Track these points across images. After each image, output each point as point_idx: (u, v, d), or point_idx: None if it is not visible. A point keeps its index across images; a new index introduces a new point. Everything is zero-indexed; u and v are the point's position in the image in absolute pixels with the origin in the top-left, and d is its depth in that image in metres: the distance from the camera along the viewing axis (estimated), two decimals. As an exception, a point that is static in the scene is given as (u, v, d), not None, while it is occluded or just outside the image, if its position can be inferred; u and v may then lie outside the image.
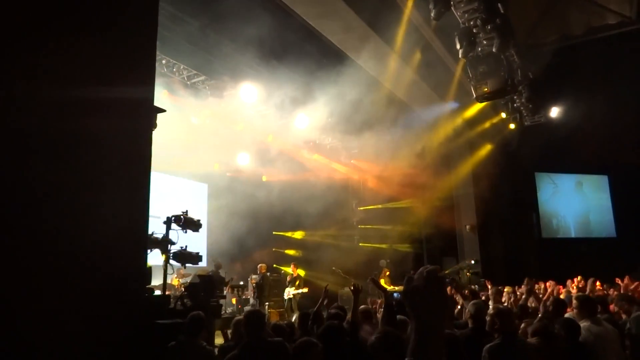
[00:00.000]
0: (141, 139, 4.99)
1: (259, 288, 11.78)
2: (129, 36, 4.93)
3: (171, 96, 10.69)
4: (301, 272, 13.92)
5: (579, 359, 3.76)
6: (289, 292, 12.31)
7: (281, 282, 13.43)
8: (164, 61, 10.36)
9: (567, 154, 18.50)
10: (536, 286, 10.05)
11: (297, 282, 12.42)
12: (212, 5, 8.80)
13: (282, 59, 10.33)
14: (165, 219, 5.72)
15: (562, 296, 7.31)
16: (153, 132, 5.48)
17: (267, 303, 12.11)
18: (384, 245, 16.15)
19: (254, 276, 12.50)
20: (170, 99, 10.69)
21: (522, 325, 4.49)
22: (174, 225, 5.68)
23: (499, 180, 16.20)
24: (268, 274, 12.58)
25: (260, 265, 12.32)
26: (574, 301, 4.24)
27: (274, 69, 10.61)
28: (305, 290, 12.28)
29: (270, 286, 12.61)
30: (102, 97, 4.43)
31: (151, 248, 5.35)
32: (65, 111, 4.18)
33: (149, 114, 5.20)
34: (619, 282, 9.19)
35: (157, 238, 5.50)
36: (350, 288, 13.62)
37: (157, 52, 8.58)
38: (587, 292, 7.02)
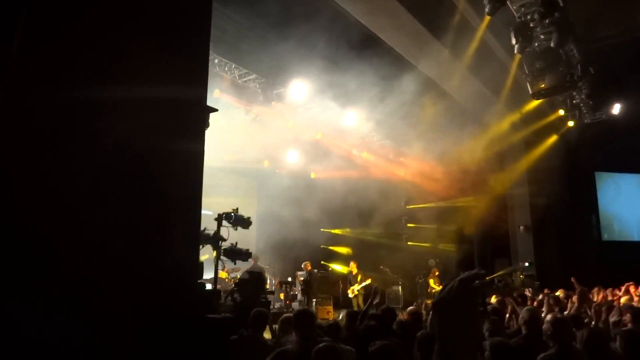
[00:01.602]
0: (195, 137, 5.16)
1: (306, 285, 11.89)
2: (183, 38, 5.10)
3: (223, 95, 10.93)
4: (345, 269, 13.98)
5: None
6: (354, 290, 12.29)
7: (328, 279, 13.50)
8: (216, 60, 10.61)
9: (630, 153, 17.52)
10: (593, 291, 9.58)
11: (359, 278, 12.41)
12: (261, 4, 8.94)
13: (332, 58, 10.33)
14: (216, 216, 5.87)
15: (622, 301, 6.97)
16: (206, 130, 5.65)
17: (314, 300, 12.21)
18: (432, 245, 15.90)
19: (299, 273, 12.62)
20: (222, 97, 10.94)
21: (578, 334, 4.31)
22: (224, 222, 5.82)
23: (555, 180, 15.54)
24: (315, 270, 12.67)
25: (305, 263, 12.42)
26: (628, 316, 4.02)
27: (324, 67, 10.63)
28: (369, 281, 12.24)
29: (318, 282, 12.71)
30: (157, 98, 4.61)
31: (203, 244, 5.51)
32: (124, 111, 4.38)
33: (202, 113, 5.35)
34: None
35: (209, 234, 5.65)
36: (399, 286, 13.49)
37: (210, 52, 8.87)
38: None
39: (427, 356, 3.35)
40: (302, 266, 12.56)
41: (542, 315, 5.31)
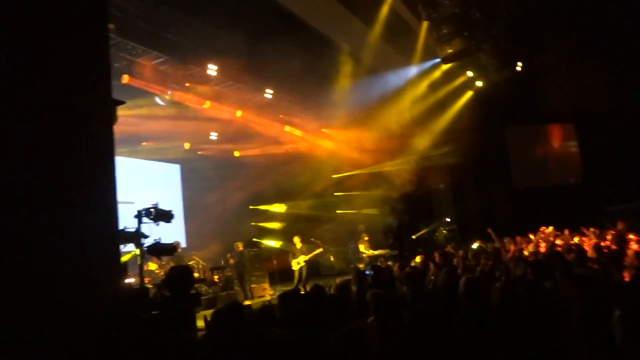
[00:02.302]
0: (101, 134, 4.88)
1: (238, 266, 11.89)
2: (76, 23, 4.71)
3: (133, 80, 10.39)
4: (278, 244, 14.13)
5: (543, 317, 3.95)
6: (298, 262, 12.32)
7: (262, 257, 13.57)
8: (120, 44, 10.01)
9: (535, 105, 18.80)
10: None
11: (305, 250, 12.53)
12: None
13: (240, 31, 10.01)
14: (136, 213, 5.67)
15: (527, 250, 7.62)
16: (114, 124, 5.37)
17: (249, 279, 12.27)
18: (361, 211, 16.37)
19: (230, 254, 12.59)
20: (133, 83, 10.40)
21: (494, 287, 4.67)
22: (145, 219, 5.64)
23: (469, 137, 16.41)
24: (246, 250, 12.67)
25: (236, 243, 12.38)
26: (528, 270, 4.42)
27: (237, 44, 10.34)
28: (320, 250, 12.62)
29: (251, 261, 12.74)
30: (51, 95, 4.29)
31: (124, 243, 5.32)
32: (17, 113, 4.06)
33: (107, 107, 5.06)
34: (584, 230, 9.53)
35: (129, 232, 5.46)
36: (331, 258, 13.84)
37: (111, 35, 8.33)
38: (553, 245, 7.30)
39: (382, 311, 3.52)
40: (234, 246, 12.52)
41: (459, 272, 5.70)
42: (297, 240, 12.66)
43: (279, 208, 15.97)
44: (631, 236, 7.38)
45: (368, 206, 16.46)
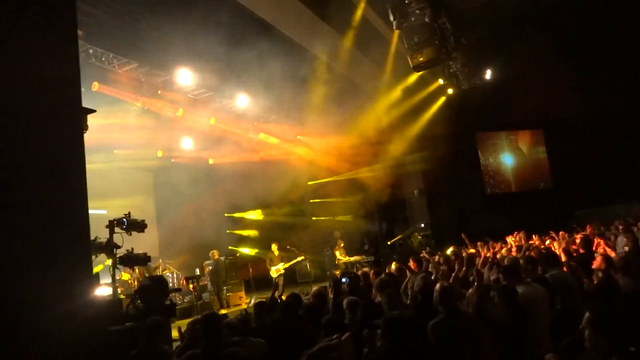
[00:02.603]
0: (71, 144, 4.78)
1: (214, 275, 11.75)
2: (43, 30, 4.62)
3: (103, 86, 10.21)
4: (254, 251, 14.04)
5: (516, 321, 4.03)
6: (277, 269, 12.13)
7: (237, 264, 13.45)
8: (90, 51, 9.83)
9: (504, 112, 19.23)
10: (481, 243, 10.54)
11: (282, 259, 12.37)
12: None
13: (213, 38, 9.96)
14: (107, 223, 5.56)
15: (500, 255, 7.76)
16: (85, 133, 5.27)
17: (225, 287, 12.13)
18: (336, 218, 16.42)
19: (206, 262, 12.44)
20: (103, 90, 10.22)
21: (468, 293, 4.74)
22: (117, 229, 5.53)
23: (442, 144, 16.68)
24: (222, 258, 12.54)
25: (212, 252, 12.25)
26: (500, 275, 4.52)
27: (206, 50, 10.26)
28: (302, 258, 12.59)
29: (227, 270, 12.61)
30: (16, 103, 4.19)
31: (96, 254, 5.21)
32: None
33: (76, 116, 4.96)
34: (553, 235, 9.75)
35: (101, 243, 5.35)
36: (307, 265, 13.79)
37: (80, 42, 8.17)
38: (525, 249, 7.45)
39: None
40: (210, 255, 12.38)
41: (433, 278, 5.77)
42: (274, 247, 12.59)
43: (254, 215, 15.89)
44: (599, 240, 7.60)
45: (343, 213, 16.53)
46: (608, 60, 17.52)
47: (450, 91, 15.84)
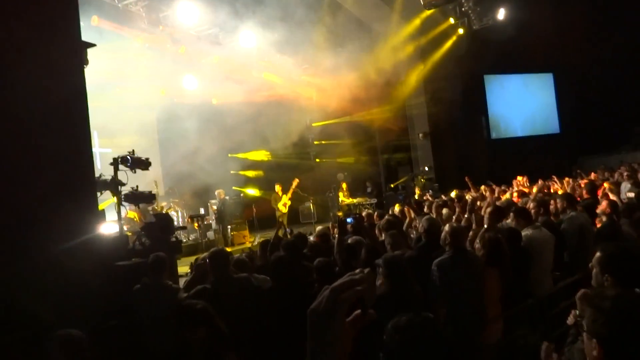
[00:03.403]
0: (71, 78, 4.67)
1: (220, 214, 11.88)
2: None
3: (102, 22, 9.88)
4: (258, 192, 14.17)
5: (519, 263, 4.07)
6: (285, 203, 12.52)
7: (241, 205, 13.59)
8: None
9: (514, 55, 18.72)
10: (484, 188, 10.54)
11: (285, 198, 12.70)
12: None
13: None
14: (112, 160, 5.54)
15: (504, 198, 7.76)
16: (85, 68, 5.14)
17: (229, 226, 12.31)
18: (340, 160, 16.38)
19: (212, 202, 12.55)
20: (103, 25, 9.90)
21: (470, 234, 4.77)
22: (122, 166, 5.51)
23: (449, 86, 16.34)
24: (227, 197, 12.65)
25: (218, 191, 12.34)
26: (511, 214, 4.53)
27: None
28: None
29: (232, 209, 12.76)
30: (14, 38, 4.06)
31: (101, 190, 5.22)
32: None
33: (76, 50, 4.82)
34: (555, 179, 9.69)
35: (106, 180, 5.35)
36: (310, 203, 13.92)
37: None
38: (531, 194, 7.43)
39: (325, 281, 3.57)
40: (215, 194, 12.49)
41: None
42: (278, 188, 12.69)
43: (258, 156, 15.86)
44: (606, 185, 7.55)
45: (347, 155, 16.47)
46: (621, 6, 16.88)
47: (460, 31, 15.31)
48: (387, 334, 1.34)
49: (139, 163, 5.56)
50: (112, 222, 6.25)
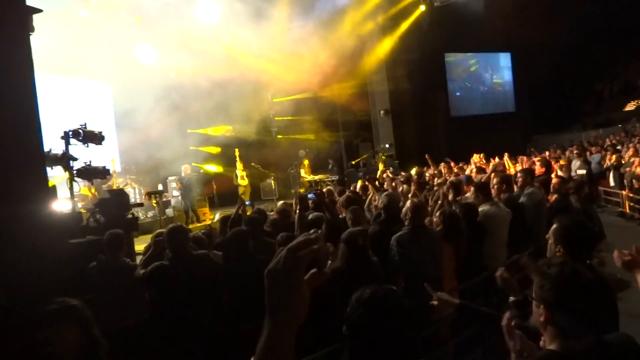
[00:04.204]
0: (15, 45, 4.39)
1: (187, 189, 11.71)
2: None
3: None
4: (219, 168, 14.03)
5: (475, 238, 4.18)
6: (242, 176, 12.61)
7: (201, 181, 13.37)
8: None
9: (474, 34, 18.94)
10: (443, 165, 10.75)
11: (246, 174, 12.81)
12: None
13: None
14: (62, 134, 5.28)
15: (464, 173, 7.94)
16: (31, 35, 4.84)
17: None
18: (302, 136, 16.29)
19: (171, 178, 12.28)
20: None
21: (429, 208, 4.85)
22: (73, 140, 5.27)
23: (410, 63, 16.42)
24: (193, 174, 12.48)
25: (184, 166, 12.14)
26: (472, 188, 4.62)
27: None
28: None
29: (196, 186, 12.58)
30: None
31: (51, 166, 4.99)
32: None
33: (21, 15, 4.52)
34: (507, 158, 9.94)
35: (56, 155, 5.11)
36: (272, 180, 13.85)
37: None
38: (490, 171, 7.61)
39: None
40: (182, 169, 12.26)
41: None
42: (240, 165, 12.62)
43: (218, 132, 15.55)
44: (556, 165, 7.84)
45: (309, 132, 16.39)
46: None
47: (422, 8, 15.33)
48: (350, 307, 1.33)
49: (91, 137, 5.33)
50: (64, 199, 6.01)
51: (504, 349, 1.87)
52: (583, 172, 10.47)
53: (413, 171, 9.03)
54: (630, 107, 22.97)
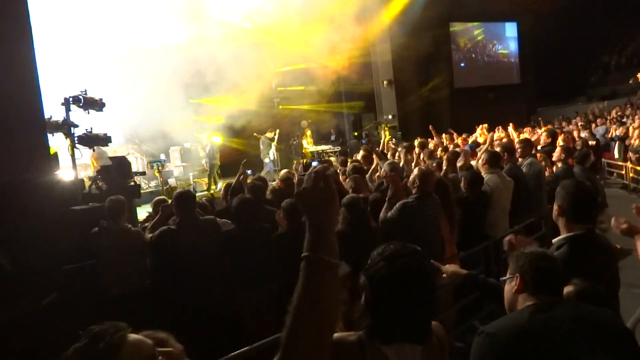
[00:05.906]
0: (13, 10, 4.30)
1: (209, 157, 11.91)
2: None
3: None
4: (223, 139, 13.95)
5: (478, 206, 4.17)
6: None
7: (220, 149, 13.39)
8: None
9: (480, 2, 18.56)
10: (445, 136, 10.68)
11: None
12: None
13: None
14: (62, 101, 5.22)
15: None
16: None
17: (192, 172, 12.16)
18: (304, 107, 16.14)
19: (172, 148, 12.24)
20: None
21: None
22: (74, 107, 5.21)
23: (414, 33, 16.12)
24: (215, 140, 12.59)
25: (208, 134, 12.39)
26: (483, 155, 4.59)
27: None
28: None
29: (216, 152, 12.69)
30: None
31: (52, 132, 4.96)
32: None
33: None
34: (511, 128, 9.84)
35: (57, 121, 5.07)
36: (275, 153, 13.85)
37: None
38: (494, 140, 7.55)
39: (294, 222, 3.57)
40: (203, 137, 12.29)
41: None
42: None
43: (220, 102, 15.39)
44: (560, 137, 7.79)
45: (312, 102, 16.23)
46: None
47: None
48: (371, 260, 1.35)
49: (92, 103, 5.27)
50: (66, 168, 6.01)
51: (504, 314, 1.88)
52: (593, 142, 10.45)
53: (416, 142, 8.94)
54: (637, 79, 22.63)
